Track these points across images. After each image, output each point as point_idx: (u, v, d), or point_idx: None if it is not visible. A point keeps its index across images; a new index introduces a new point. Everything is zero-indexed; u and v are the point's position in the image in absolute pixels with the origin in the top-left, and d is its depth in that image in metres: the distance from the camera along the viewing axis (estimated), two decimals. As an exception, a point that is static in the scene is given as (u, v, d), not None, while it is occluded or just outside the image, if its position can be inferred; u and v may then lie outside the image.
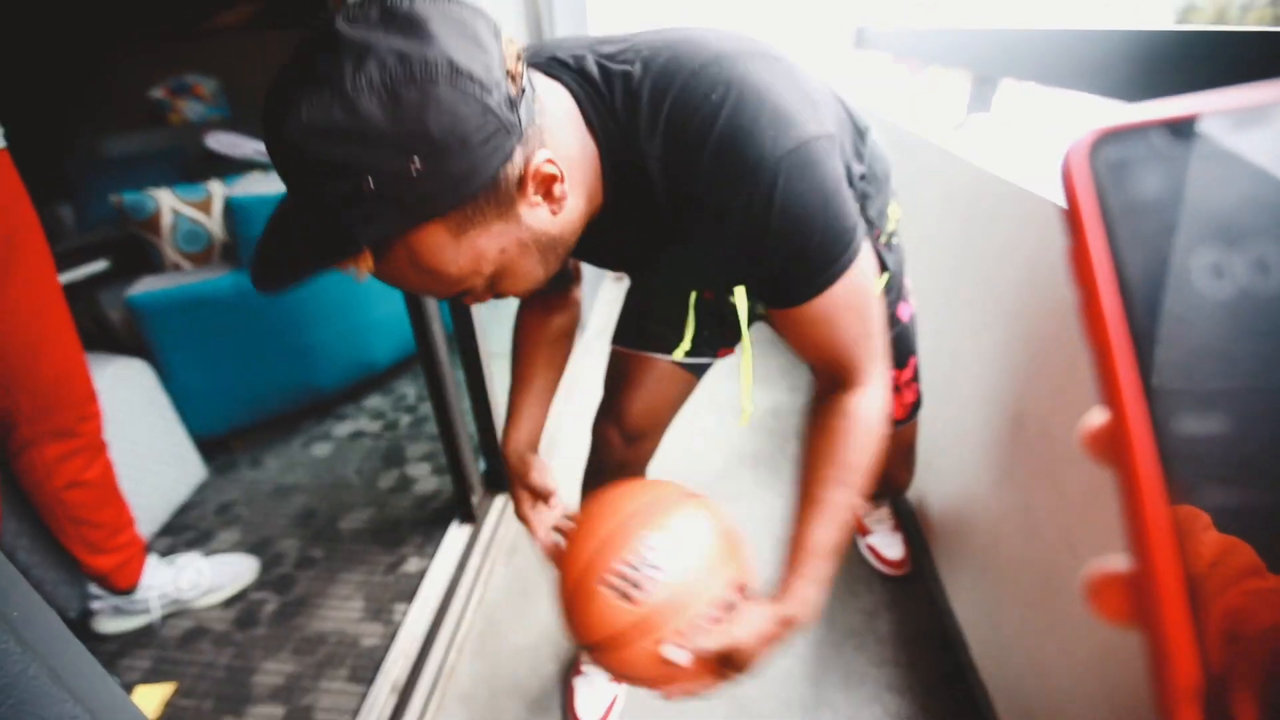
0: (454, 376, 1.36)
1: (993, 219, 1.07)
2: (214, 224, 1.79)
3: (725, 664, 0.57)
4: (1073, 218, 0.14)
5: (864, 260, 0.59)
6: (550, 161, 0.49)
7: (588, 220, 0.60)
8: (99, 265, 1.84)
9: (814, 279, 0.57)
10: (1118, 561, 0.13)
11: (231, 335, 1.68)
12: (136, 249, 1.78)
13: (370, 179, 0.40)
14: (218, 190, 1.81)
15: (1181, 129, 0.13)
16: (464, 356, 1.38)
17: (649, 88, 0.54)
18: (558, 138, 0.52)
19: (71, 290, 1.79)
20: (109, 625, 1.30)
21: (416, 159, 0.40)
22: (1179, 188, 0.13)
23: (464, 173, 0.43)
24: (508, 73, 0.45)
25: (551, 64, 0.58)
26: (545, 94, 0.53)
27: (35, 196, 1.04)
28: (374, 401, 2.10)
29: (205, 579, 1.36)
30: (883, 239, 0.84)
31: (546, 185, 0.50)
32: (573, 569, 0.62)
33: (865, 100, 1.91)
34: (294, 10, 2.87)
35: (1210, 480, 0.13)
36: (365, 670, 1.21)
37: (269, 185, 1.63)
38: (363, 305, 1.89)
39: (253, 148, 2.47)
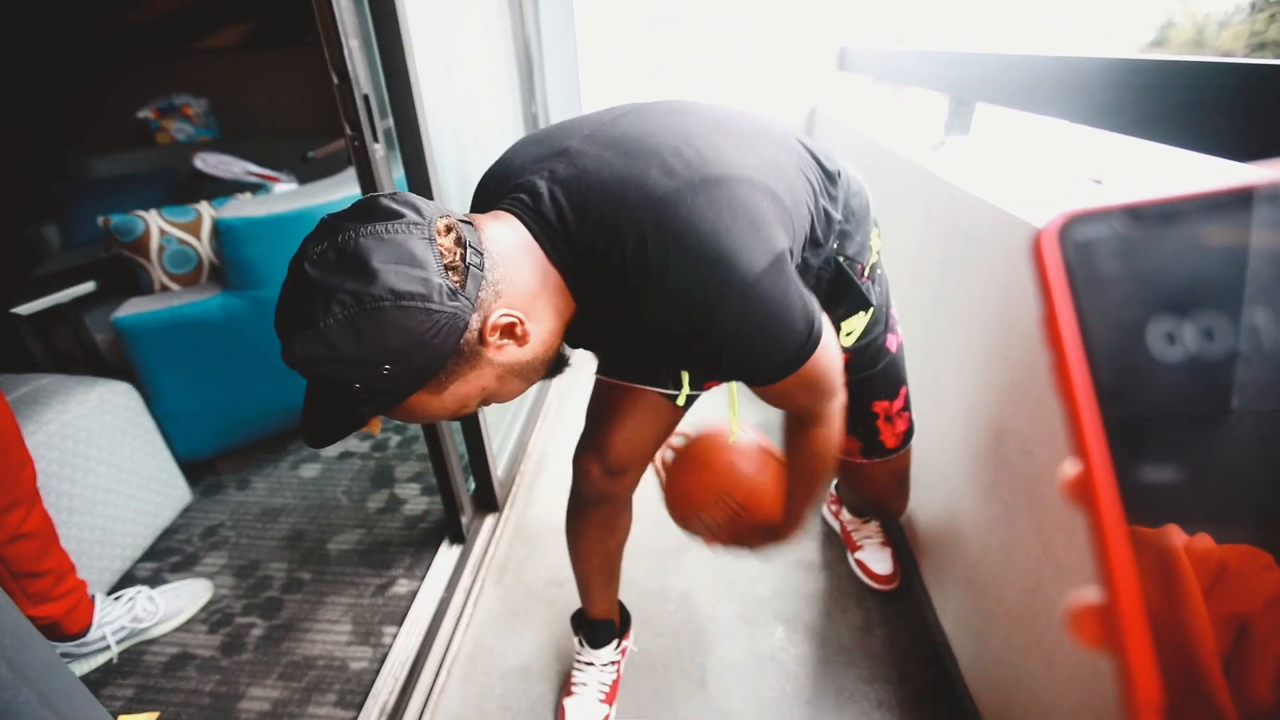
0: (443, 396, 1.36)
1: (970, 239, 1.09)
2: (202, 246, 1.79)
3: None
4: (1044, 290, 0.16)
5: (821, 352, 0.65)
6: (505, 314, 0.59)
7: (565, 329, 0.67)
8: (86, 287, 1.83)
9: (768, 378, 0.66)
10: (1091, 593, 0.15)
11: (219, 357, 1.68)
12: (124, 270, 1.78)
13: (356, 384, 0.53)
14: (206, 212, 1.82)
15: (1140, 214, 0.15)
16: (453, 376, 1.38)
17: (600, 234, 0.61)
18: (514, 282, 0.60)
19: (57, 312, 1.79)
20: None
21: (386, 366, 0.52)
22: (1137, 264, 0.15)
23: (426, 361, 0.54)
24: (447, 267, 0.54)
25: (516, 195, 0.65)
26: (500, 242, 0.60)
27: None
28: (363, 421, 2.09)
29: (160, 606, 1.34)
30: (865, 272, 0.86)
31: (508, 331, 0.59)
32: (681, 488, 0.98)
33: (848, 121, 1.95)
34: (283, 32, 2.90)
35: (1167, 522, 0.14)
36: (354, 695, 1.20)
37: (258, 207, 1.64)
38: (352, 325, 1.89)
39: (241, 168, 2.48)
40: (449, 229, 0.56)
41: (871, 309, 0.89)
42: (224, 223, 1.59)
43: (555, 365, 0.69)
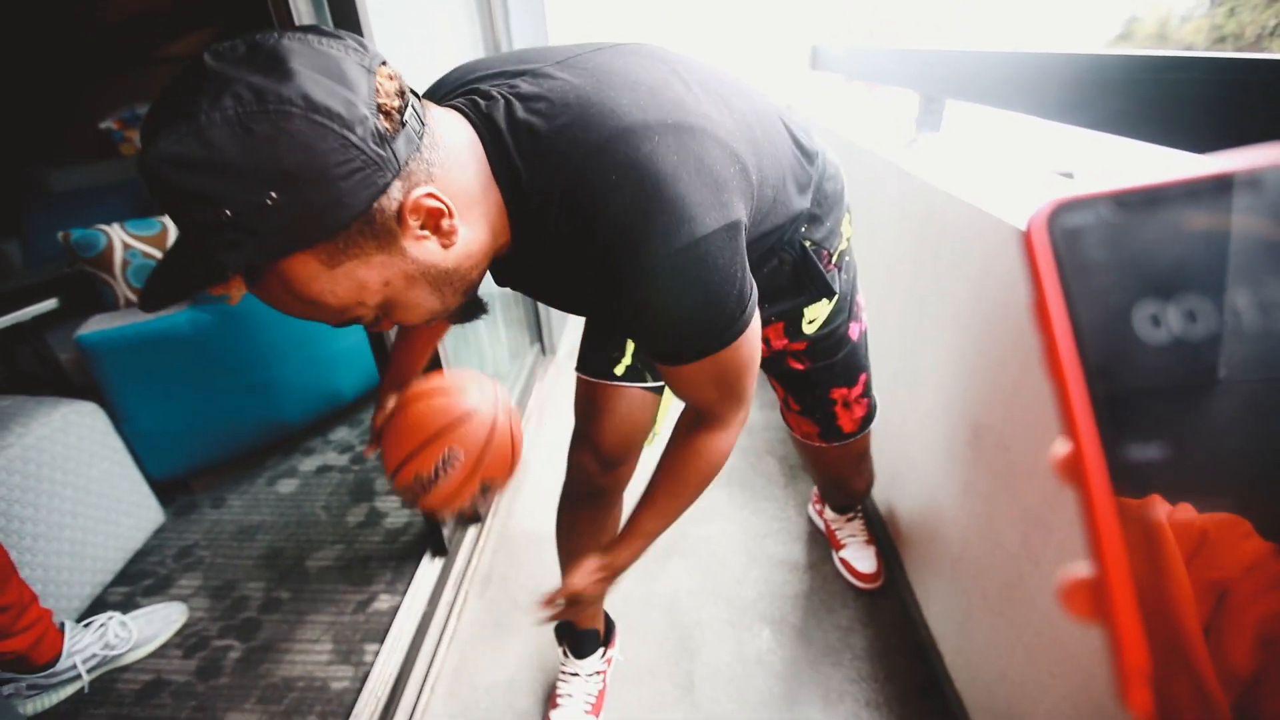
0: (420, 407, 1.34)
1: (944, 235, 1.10)
2: (168, 259, 1.75)
3: (571, 599, 0.83)
4: (1034, 276, 0.16)
5: (743, 342, 0.61)
6: (433, 196, 0.50)
7: (494, 254, 0.60)
8: (47, 304, 1.77)
9: (680, 355, 0.61)
10: (1083, 568, 0.15)
11: (190, 373, 1.64)
12: (87, 286, 1.73)
13: (227, 209, 0.41)
14: (172, 224, 1.77)
15: (1125, 200, 0.16)
16: (430, 387, 1.36)
17: (552, 154, 0.54)
18: (453, 174, 0.52)
19: (18, 331, 1.73)
20: (31, 706, 1.21)
21: (272, 191, 0.41)
22: (1122, 250, 0.16)
23: (326, 205, 0.44)
24: (380, 108, 0.45)
25: (469, 97, 0.58)
26: (445, 129, 0.53)
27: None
28: (341, 434, 2.06)
29: (133, 632, 1.30)
30: (833, 259, 0.85)
31: (433, 219, 0.51)
32: (396, 454, 0.77)
33: (821, 118, 1.96)
34: (250, 39, 2.84)
35: (1152, 494, 0.15)
36: (335, 715, 1.17)
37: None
38: (326, 337, 1.86)
39: (209, 178, 2.43)
40: (392, 77, 0.48)
41: (835, 296, 0.88)
42: (190, 236, 1.56)
43: (469, 308, 0.62)
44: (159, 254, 1.73)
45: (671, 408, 0.96)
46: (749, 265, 0.65)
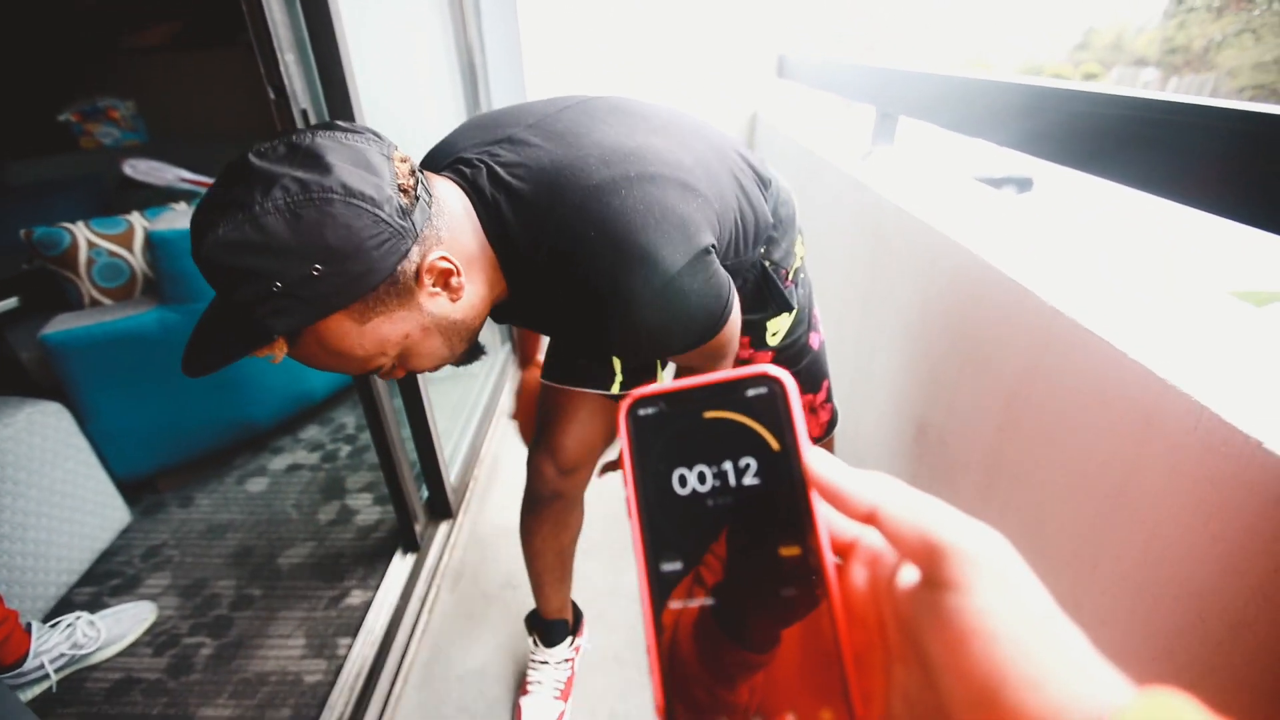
0: (392, 404, 1.37)
1: (893, 246, 1.17)
2: (135, 258, 1.73)
3: None
4: (623, 448, 0.23)
5: (726, 330, 0.71)
6: (444, 258, 0.58)
7: (494, 303, 0.68)
8: (8, 303, 1.75)
9: (679, 352, 0.72)
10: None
11: (157, 373, 1.63)
12: (49, 284, 1.70)
13: (278, 282, 0.50)
14: (139, 223, 1.76)
15: (670, 398, 0.23)
16: (402, 384, 1.39)
17: (536, 215, 0.62)
18: (456, 236, 0.61)
19: (-23, 330, 1.70)
20: None
21: (318, 264, 0.50)
22: (667, 431, 0.23)
23: (361, 272, 0.52)
24: (399, 187, 0.54)
25: (457, 167, 0.66)
26: (446, 197, 0.62)
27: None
28: (311, 432, 2.06)
29: (101, 632, 1.31)
30: (790, 277, 0.91)
31: (443, 277, 0.60)
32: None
33: (787, 128, 2.03)
34: (214, 31, 2.80)
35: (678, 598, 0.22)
36: (309, 708, 1.20)
37: (194, 218, 1.59)
38: (297, 335, 1.86)
39: (174, 174, 2.39)
40: (404, 160, 0.57)
41: (795, 311, 0.94)
42: (159, 236, 1.55)
43: (471, 351, 0.70)
44: (125, 253, 1.72)
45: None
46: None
